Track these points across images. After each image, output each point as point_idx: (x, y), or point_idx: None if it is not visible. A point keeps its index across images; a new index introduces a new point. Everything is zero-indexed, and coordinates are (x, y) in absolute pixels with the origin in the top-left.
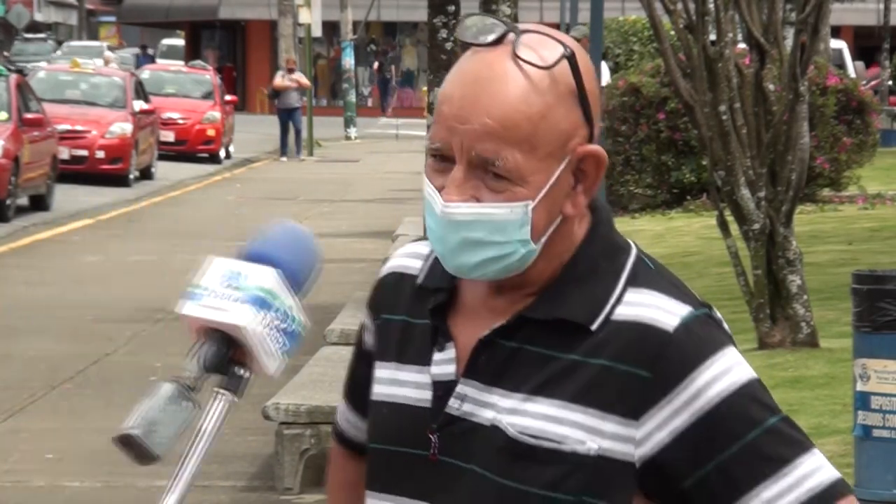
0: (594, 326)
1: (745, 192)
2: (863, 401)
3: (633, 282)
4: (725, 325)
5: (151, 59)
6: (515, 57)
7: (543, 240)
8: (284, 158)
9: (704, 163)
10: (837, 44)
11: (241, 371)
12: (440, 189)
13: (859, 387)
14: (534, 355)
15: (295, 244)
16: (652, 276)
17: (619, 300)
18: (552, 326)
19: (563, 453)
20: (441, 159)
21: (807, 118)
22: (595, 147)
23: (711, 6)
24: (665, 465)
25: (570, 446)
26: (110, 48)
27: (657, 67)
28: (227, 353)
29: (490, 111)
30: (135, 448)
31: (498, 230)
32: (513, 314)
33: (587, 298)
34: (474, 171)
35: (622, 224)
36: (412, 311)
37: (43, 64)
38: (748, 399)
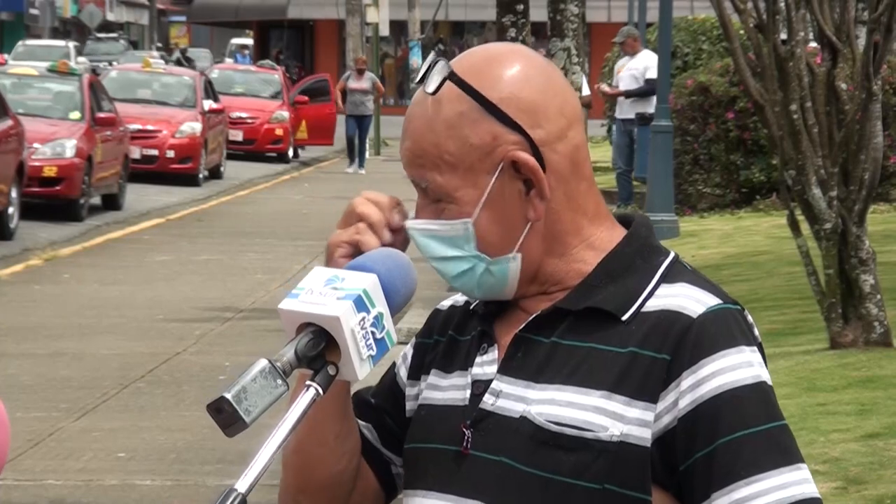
0: (625, 317)
1: (816, 192)
2: None
3: (667, 278)
4: (755, 331)
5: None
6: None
7: (516, 250)
8: (351, 169)
9: (774, 162)
10: None
11: (330, 369)
12: None
13: None
14: (568, 349)
15: (393, 263)
16: (688, 273)
17: (651, 294)
18: (585, 318)
19: (586, 440)
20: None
21: (880, 117)
22: (517, 153)
23: (782, 5)
24: (667, 449)
25: (593, 433)
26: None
27: (726, 66)
28: (322, 348)
29: (404, 142)
30: (225, 414)
31: (451, 245)
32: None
33: (620, 291)
34: (425, 194)
35: (690, 223)
36: (459, 330)
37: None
38: (745, 399)
